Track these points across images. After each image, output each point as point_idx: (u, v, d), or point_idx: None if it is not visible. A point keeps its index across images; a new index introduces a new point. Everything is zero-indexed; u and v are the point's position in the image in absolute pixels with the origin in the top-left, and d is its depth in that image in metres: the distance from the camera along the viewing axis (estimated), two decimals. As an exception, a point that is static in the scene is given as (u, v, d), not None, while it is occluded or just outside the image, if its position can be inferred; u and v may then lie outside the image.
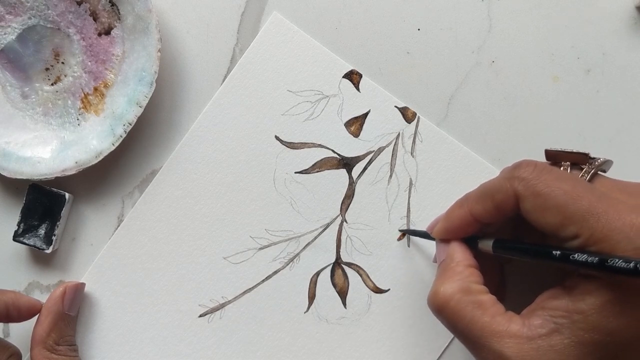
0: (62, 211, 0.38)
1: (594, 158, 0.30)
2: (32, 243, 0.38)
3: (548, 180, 0.27)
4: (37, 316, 0.36)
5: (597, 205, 0.25)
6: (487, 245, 0.30)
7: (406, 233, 0.37)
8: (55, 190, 0.38)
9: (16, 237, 0.38)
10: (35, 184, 0.38)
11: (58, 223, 0.38)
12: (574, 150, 0.30)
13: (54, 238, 0.38)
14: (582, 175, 0.29)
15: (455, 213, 0.31)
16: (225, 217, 0.38)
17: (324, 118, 0.38)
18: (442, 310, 0.28)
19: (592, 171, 0.29)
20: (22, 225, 0.38)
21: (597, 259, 0.25)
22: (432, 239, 0.33)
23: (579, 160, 0.30)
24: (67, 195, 0.38)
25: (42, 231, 0.38)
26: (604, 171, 0.31)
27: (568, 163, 0.30)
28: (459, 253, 0.30)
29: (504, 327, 0.26)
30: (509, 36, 0.38)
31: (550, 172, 0.28)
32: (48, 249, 0.37)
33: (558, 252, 0.27)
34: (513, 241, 0.30)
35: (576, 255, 0.26)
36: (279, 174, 0.38)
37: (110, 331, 0.38)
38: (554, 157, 0.31)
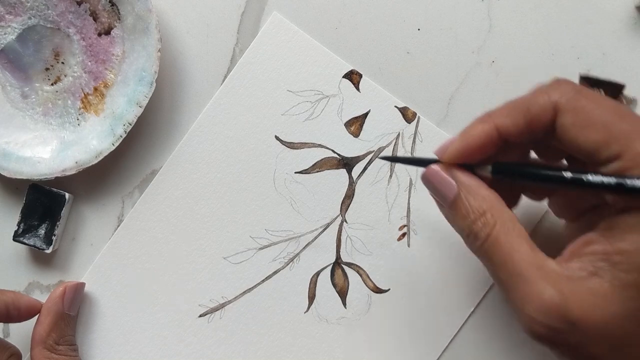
0: (62, 211, 0.38)
1: (626, 94, 0.28)
2: (32, 243, 0.38)
3: (591, 96, 0.25)
4: (37, 316, 0.36)
5: None
6: (484, 171, 0.27)
7: (391, 161, 0.33)
8: (55, 190, 0.38)
9: (16, 237, 0.38)
10: (35, 184, 0.38)
11: (58, 223, 0.38)
12: (612, 80, 0.28)
13: (54, 238, 0.38)
14: None
15: (476, 129, 0.26)
16: (225, 217, 0.38)
17: (324, 118, 0.38)
18: (484, 241, 0.25)
19: (626, 104, 0.27)
20: (22, 225, 0.38)
21: (614, 179, 0.22)
22: (422, 164, 0.28)
23: (613, 90, 0.28)
24: (67, 195, 0.38)
25: (42, 231, 0.38)
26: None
27: (602, 92, 0.28)
28: (473, 178, 0.26)
29: (545, 264, 0.24)
30: (509, 36, 0.38)
31: (591, 92, 0.25)
32: (48, 249, 0.37)
33: (570, 174, 0.24)
34: (515, 163, 0.26)
35: (590, 177, 0.23)
36: (279, 174, 0.38)
37: (110, 331, 0.38)
38: (589, 83, 0.28)
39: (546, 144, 0.27)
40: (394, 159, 0.34)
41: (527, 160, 0.30)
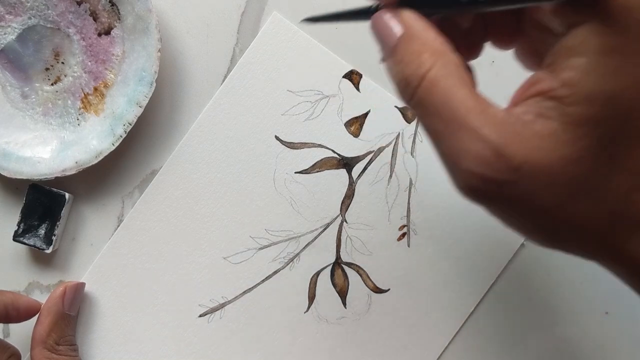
0: (62, 211, 0.38)
1: None
2: (32, 243, 0.38)
3: None
4: (37, 316, 0.36)
5: None
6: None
7: (315, 20, 0.26)
8: (55, 190, 0.38)
9: (16, 237, 0.38)
10: (35, 184, 0.38)
11: (58, 223, 0.38)
12: None
13: (54, 238, 0.37)
14: None
15: None
16: (225, 217, 0.38)
17: (324, 118, 0.38)
18: (418, 86, 0.21)
19: None
20: (22, 225, 0.38)
21: None
22: (352, 18, 0.25)
23: None
24: (67, 195, 0.38)
25: (42, 231, 0.38)
26: None
27: None
28: (420, 20, 0.22)
29: (486, 108, 0.20)
30: (509, 36, 0.38)
31: None
32: (48, 249, 0.37)
33: None
34: None
35: None
36: (279, 174, 0.38)
37: (110, 331, 0.38)
38: None
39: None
40: (319, 19, 0.26)
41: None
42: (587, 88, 0.19)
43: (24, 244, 0.38)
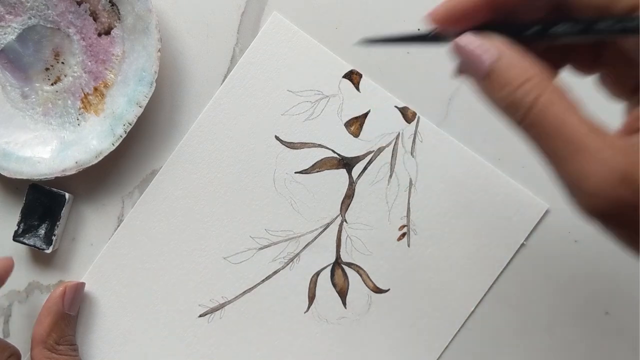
0: (62, 211, 0.38)
1: None
2: (32, 243, 0.38)
3: None
4: (37, 316, 0.36)
5: None
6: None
7: (380, 43, 0.26)
8: (55, 190, 0.38)
9: (16, 237, 0.38)
10: (35, 184, 0.38)
11: (58, 223, 0.38)
12: None
13: (54, 238, 0.38)
14: None
15: None
16: (225, 217, 0.38)
17: (324, 118, 0.38)
18: (531, 108, 0.22)
19: None
20: (22, 225, 0.38)
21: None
22: (425, 41, 0.25)
23: None
24: (67, 195, 0.38)
25: (42, 231, 0.38)
26: None
27: None
28: (513, 45, 0.23)
29: (604, 133, 0.21)
30: (509, 36, 0.38)
31: None
32: (48, 249, 0.37)
33: (596, 20, 0.21)
34: (529, 23, 0.23)
35: (627, 23, 0.21)
36: (279, 174, 0.38)
37: (110, 331, 0.38)
38: None
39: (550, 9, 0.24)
40: (384, 40, 0.26)
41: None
42: None
43: (24, 244, 0.38)
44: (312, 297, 0.38)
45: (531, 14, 0.24)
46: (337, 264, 0.38)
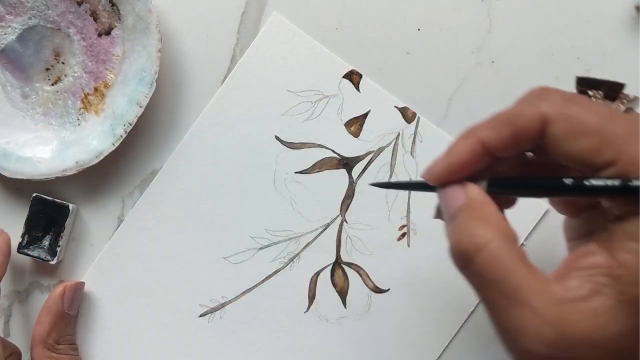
0: (67, 222, 0.37)
1: (626, 94, 0.27)
2: (36, 255, 0.37)
3: (581, 103, 0.24)
4: (37, 316, 0.36)
5: (638, 130, 0.22)
6: (481, 185, 0.26)
7: (384, 187, 0.32)
8: (58, 201, 0.37)
9: (20, 249, 0.37)
10: (39, 196, 0.37)
11: (62, 234, 0.37)
12: (610, 80, 0.27)
13: (58, 249, 0.37)
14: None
15: (460, 145, 0.25)
16: (225, 217, 0.38)
17: (324, 118, 0.38)
18: (475, 256, 0.23)
19: (626, 105, 0.26)
20: (26, 237, 0.37)
21: (618, 181, 0.21)
22: (424, 189, 0.27)
23: (612, 90, 0.27)
24: (70, 206, 0.38)
25: (46, 242, 0.37)
26: (632, 109, 0.28)
27: (601, 93, 0.27)
28: (484, 195, 0.25)
29: (544, 286, 0.22)
30: (509, 36, 0.38)
31: (581, 97, 0.24)
32: (53, 260, 0.37)
33: (571, 180, 0.23)
34: (512, 177, 0.26)
35: (592, 181, 0.22)
36: (279, 174, 0.38)
37: (110, 331, 0.38)
38: (586, 84, 0.27)
39: (538, 156, 0.27)
40: (387, 185, 0.33)
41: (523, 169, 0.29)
42: None
43: (29, 255, 0.37)
44: (312, 297, 0.38)
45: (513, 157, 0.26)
46: (337, 264, 0.38)
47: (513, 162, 0.27)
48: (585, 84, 0.27)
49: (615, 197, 0.22)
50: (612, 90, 0.27)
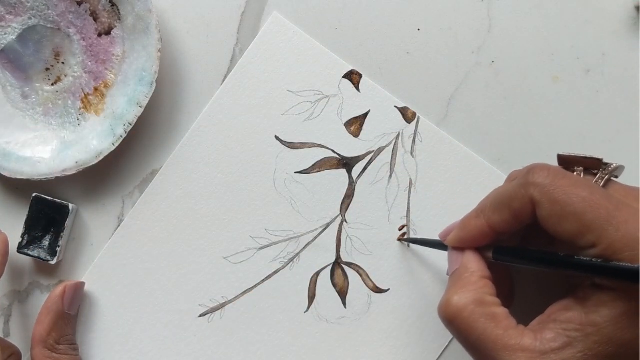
0: (67, 222, 0.37)
1: (607, 163, 0.30)
2: (36, 255, 0.37)
3: (564, 186, 0.26)
4: (37, 316, 0.36)
5: (616, 215, 0.25)
6: (488, 252, 0.30)
7: (410, 242, 0.37)
8: (58, 201, 0.37)
9: (20, 249, 0.37)
10: (39, 196, 0.37)
11: (62, 234, 0.37)
12: (588, 156, 0.30)
13: (58, 249, 0.37)
14: (596, 181, 0.29)
15: (472, 223, 0.30)
16: (225, 217, 0.38)
17: (324, 118, 0.38)
18: (454, 320, 0.28)
19: (606, 177, 0.29)
20: (26, 237, 0.37)
21: (600, 260, 0.25)
22: (440, 248, 0.33)
23: (592, 165, 0.30)
24: (70, 206, 0.38)
25: (46, 242, 0.37)
26: (616, 177, 0.30)
27: (581, 168, 0.30)
28: (474, 263, 0.30)
29: (517, 341, 0.26)
30: (509, 36, 0.38)
31: (565, 178, 0.27)
32: (53, 260, 0.37)
33: (563, 254, 0.26)
34: (514, 248, 0.30)
35: (581, 258, 0.26)
36: (279, 174, 0.38)
37: (110, 331, 0.38)
38: (567, 162, 0.30)
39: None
40: (416, 241, 0.37)
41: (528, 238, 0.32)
42: (610, 334, 0.25)
43: (29, 255, 0.37)
44: (312, 297, 0.38)
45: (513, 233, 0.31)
46: (337, 264, 0.38)
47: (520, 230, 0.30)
48: (565, 162, 0.30)
49: (598, 275, 0.26)
50: (592, 166, 0.30)
